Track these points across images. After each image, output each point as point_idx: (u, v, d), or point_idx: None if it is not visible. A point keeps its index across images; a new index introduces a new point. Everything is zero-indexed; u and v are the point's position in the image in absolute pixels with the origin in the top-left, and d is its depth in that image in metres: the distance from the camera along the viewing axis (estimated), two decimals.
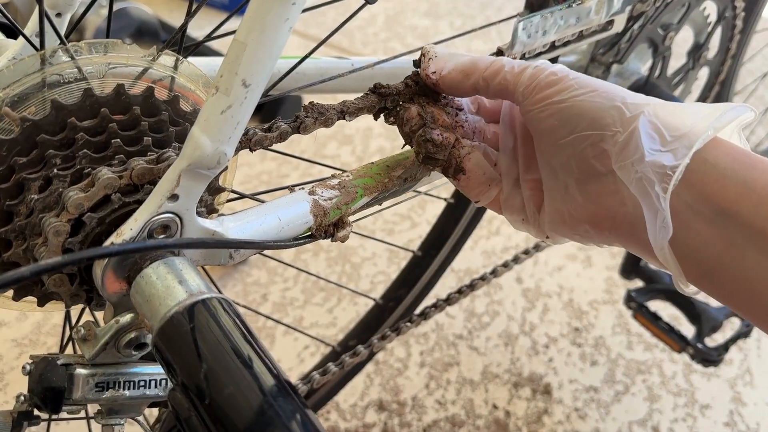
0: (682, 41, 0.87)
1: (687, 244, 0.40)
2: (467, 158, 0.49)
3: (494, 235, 1.40)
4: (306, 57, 0.58)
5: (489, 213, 1.40)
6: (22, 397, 0.43)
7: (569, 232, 0.46)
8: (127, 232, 0.40)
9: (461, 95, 0.51)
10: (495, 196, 0.50)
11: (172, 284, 0.38)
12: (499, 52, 0.59)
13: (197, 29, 1.73)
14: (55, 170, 0.41)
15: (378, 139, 1.64)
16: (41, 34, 0.44)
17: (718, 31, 0.91)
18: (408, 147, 0.55)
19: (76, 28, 0.52)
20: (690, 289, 0.42)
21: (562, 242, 0.48)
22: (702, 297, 1.05)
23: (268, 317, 0.78)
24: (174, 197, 0.40)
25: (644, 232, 0.40)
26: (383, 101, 0.50)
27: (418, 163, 0.52)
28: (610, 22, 0.68)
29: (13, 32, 0.58)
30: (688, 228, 0.39)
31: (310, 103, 0.48)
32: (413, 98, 0.51)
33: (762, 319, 0.39)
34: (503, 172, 0.49)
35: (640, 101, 0.41)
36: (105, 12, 1.55)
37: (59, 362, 0.42)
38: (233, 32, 0.38)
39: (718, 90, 1.04)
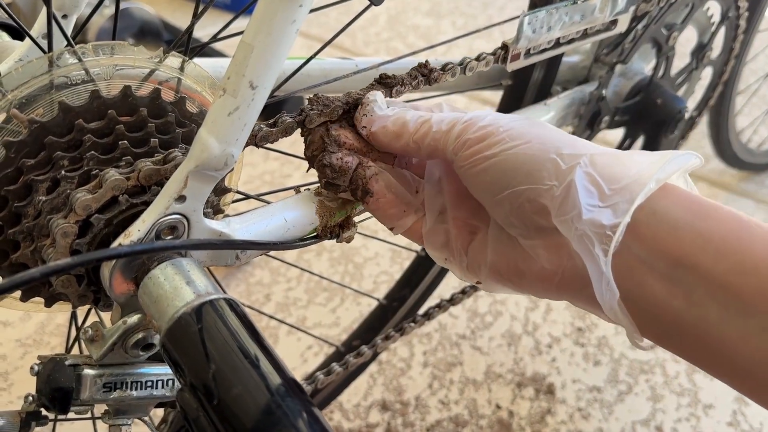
0: (686, 41, 0.87)
1: (643, 301, 0.36)
2: (374, 179, 0.46)
3: None
4: (311, 58, 0.58)
5: None
6: (30, 398, 0.43)
7: (510, 285, 0.43)
8: (135, 233, 0.40)
9: (395, 153, 0.48)
10: (414, 226, 0.47)
11: (180, 285, 0.39)
12: (504, 47, 0.59)
13: (199, 30, 1.72)
14: (63, 172, 0.41)
15: None
16: (49, 36, 0.44)
17: (722, 31, 0.91)
18: None
19: (81, 30, 0.52)
20: (645, 344, 0.39)
21: (497, 292, 0.45)
22: None
23: (271, 317, 0.78)
24: (181, 198, 0.40)
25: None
26: (389, 92, 0.50)
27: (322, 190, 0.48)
28: (614, 22, 0.68)
29: (18, 33, 0.59)
30: (643, 284, 0.36)
31: (315, 95, 0.48)
32: (340, 119, 0.48)
33: (732, 379, 0.36)
34: (427, 202, 0.46)
35: (578, 150, 0.38)
36: (107, 12, 1.55)
37: (67, 363, 0.42)
38: (238, 33, 0.39)
39: (722, 90, 1.04)
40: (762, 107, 1.76)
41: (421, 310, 0.89)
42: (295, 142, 0.48)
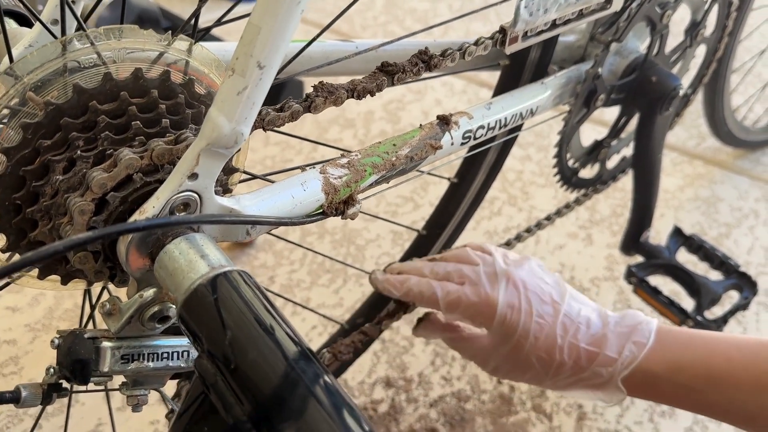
0: (680, 19, 0.88)
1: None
2: None
3: (496, 216, 1.42)
4: (313, 40, 0.59)
5: (491, 193, 1.42)
6: (52, 370, 0.45)
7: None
8: (150, 209, 0.42)
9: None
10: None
11: (195, 258, 0.40)
12: (502, 31, 0.61)
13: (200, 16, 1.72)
14: (79, 152, 0.43)
15: (380, 122, 1.65)
16: (62, 21, 0.45)
17: (715, 9, 0.92)
18: (412, 126, 0.58)
19: (90, 15, 0.53)
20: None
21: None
22: (702, 271, 1.07)
23: (278, 295, 0.80)
24: (194, 176, 0.42)
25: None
26: (391, 80, 0.52)
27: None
28: (609, 1, 0.69)
29: (24, 20, 0.60)
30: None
31: (320, 82, 0.49)
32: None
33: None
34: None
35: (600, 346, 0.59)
36: (106, 0, 1.56)
37: (86, 336, 0.44)
38: (240, 17, 0.40)
39: (716, 67, 1.05)
40: (757, 85, 1.77)
41: None
42: (296, 125, 0.49)
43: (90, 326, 0.63)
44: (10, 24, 0.58)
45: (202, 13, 0.50)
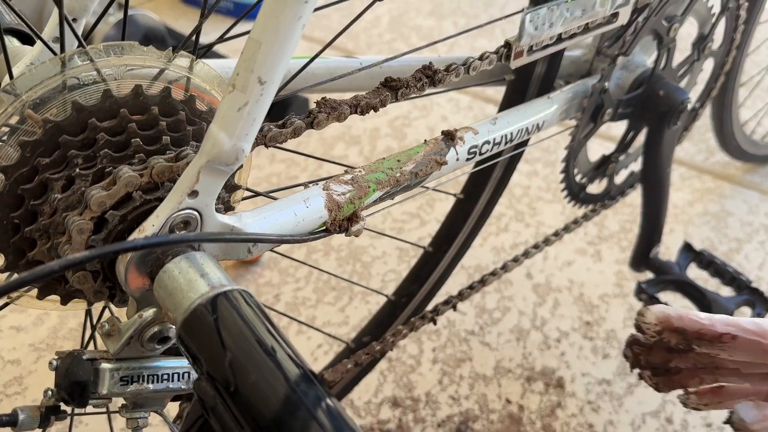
0: (687, 33, 0.87)
1: None
2: None
3: (503, 232, 1.41)
4: (316, 56, 0.59)
5: (498, 209, 1.41)
6: (50, 392, 0.44)
7: None
8: (150, 228, 0.41)
9: None
10: None
11: (194, 278, 0.39)
12: (507, 45, 0.60)
13: (202, 35, 1.72)
14: (78, 170, 0.42)
15: (386, 139, 1.65)
16: (61, 37, 0.45)
17: (722, 22, 0.92)
18: (417, 143, 0.57)
19: (91, 32, 0.53)
20: None
21: None
22: (713, 287, 1.05)
23: (283, 314, 0.79)
24: (194, 194, 0.41)
25: None
26: (394, 95, 0.51)
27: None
28: (615, 15, 0.69)
29: (26, 38, 0.60)
30: None
31: (323, 98, 0.49)
32: None
33: None
34: None
35: None
36: (112, 20, 1.57)
37: (85, 357, 0.43)
38: (241, 35, 0.39)
39: (724, 81, 1.04)
40: (765, 99, 1.76)
41: (430, 307, 0.90)
42: (299, 145, 0.48)
43: (91, 347, 0.63)
44: (12, 42, 0.58)
45: (208, 32, 0.50)
